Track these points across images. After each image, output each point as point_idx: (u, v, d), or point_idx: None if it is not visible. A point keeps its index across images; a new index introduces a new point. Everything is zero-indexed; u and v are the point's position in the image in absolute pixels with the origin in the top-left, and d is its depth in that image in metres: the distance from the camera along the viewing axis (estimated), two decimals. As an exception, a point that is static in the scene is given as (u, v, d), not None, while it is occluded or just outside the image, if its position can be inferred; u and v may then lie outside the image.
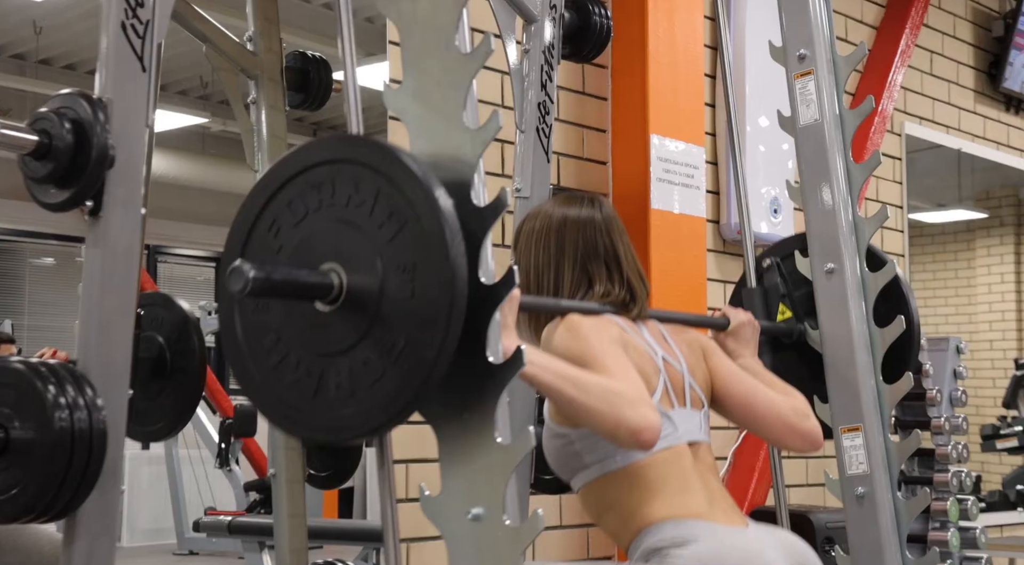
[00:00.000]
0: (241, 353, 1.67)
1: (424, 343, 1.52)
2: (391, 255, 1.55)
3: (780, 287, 2.65)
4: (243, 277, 1.50)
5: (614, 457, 2.07)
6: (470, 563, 1.62)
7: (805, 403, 2.27)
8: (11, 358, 2.34)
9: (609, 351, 2.01)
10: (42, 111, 2.02)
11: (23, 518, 1.99)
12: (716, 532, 2.01)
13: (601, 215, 2.23)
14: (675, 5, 3.75)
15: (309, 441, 1.65)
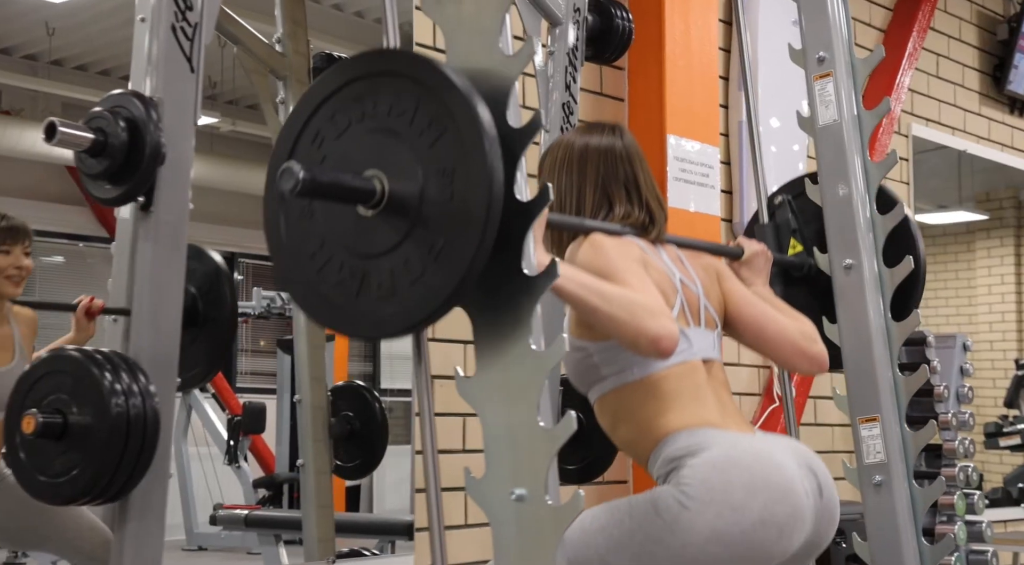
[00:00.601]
0: (286, 259, 1.74)
1: (463, 242, 1.59)
2: (431, 161, 1.63)
3: (791, 222, 2.73)
4: (293, 176, 1.58)
5: (631, 369, 2.15)
6: (514, 542, 1.69)
7: (813, 328, 2.36)
8: (67, 346, 2.43)
9: (631, 267, 2.10)
10: (97, 110, 2.10)
11: (80, 500, 2.08)
12: (728, 438, 2.09)
13: (622, 142, 2.31)
14: (691, 8, 3.83)
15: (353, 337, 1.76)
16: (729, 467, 2.03)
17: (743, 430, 2.17)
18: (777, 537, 2.03)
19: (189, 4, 2.14)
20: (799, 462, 2.13)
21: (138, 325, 2.15)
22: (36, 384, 2.04)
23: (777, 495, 2.03)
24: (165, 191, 2.13)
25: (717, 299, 2.33)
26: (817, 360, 2.34)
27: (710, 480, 2.02)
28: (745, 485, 2.02)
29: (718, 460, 2.04)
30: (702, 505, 2.00)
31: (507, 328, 1.67)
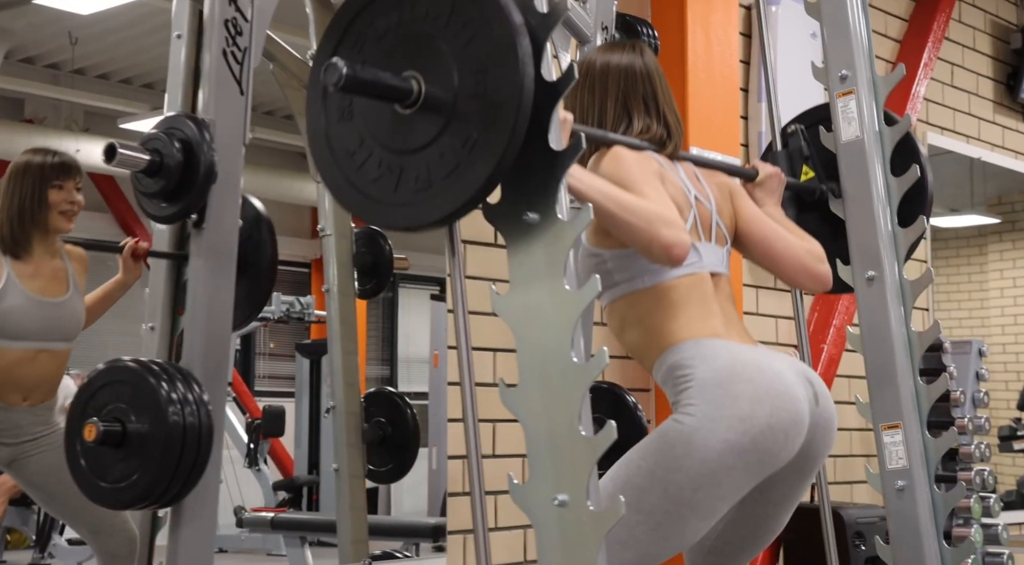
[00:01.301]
0: (330, 161, 1.87)
1: (496, 134, 1.71)
2: (465, 60, 1.74)
3: (804, 150, 2.82)
4: (337, 71, 1.69)
5: (642, 277, 2.27)
6: (557, 546, 1.78)
7: (820, 248, 2.48)
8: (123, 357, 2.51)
9: (649, 180, 2.22)
10: (153, 132, 2.19)
11: (138, 505, 2.17)
12: (731, 350, 2.22)
13: (642, 60, 2.41)
14: (712, 24, 3.92)
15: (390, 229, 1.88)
16: (733, 381, 2.16)
17: (745, 341, 2.30)
18: (784, 441, 2.17)
19: (239, 30, 2.23)
20: (797, 373, 2.26)
21: (191, 336, 2.24)
22: (96, 393, 2.13)
23: (779, 402, 2.16)
24: (216, 208, 2.22)
25: (728, 216, 2.45)
26: (821, 279, 2.46)
27: (715, 398, 2.14)
28: (749, 396, 2.14)
29: (721, 376, 2.17)
30: (711, 421, 2.13)
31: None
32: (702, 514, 2.17)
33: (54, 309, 3.25)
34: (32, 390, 3.24)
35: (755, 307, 4.41)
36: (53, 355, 3.27)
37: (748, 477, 2.17)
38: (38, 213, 3.22)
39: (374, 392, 3.41)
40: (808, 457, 2.29)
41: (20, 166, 3.26)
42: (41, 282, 3.25)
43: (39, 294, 3.23)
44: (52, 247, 3.29)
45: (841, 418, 4.64)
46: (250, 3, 2.25)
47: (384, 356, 10.95)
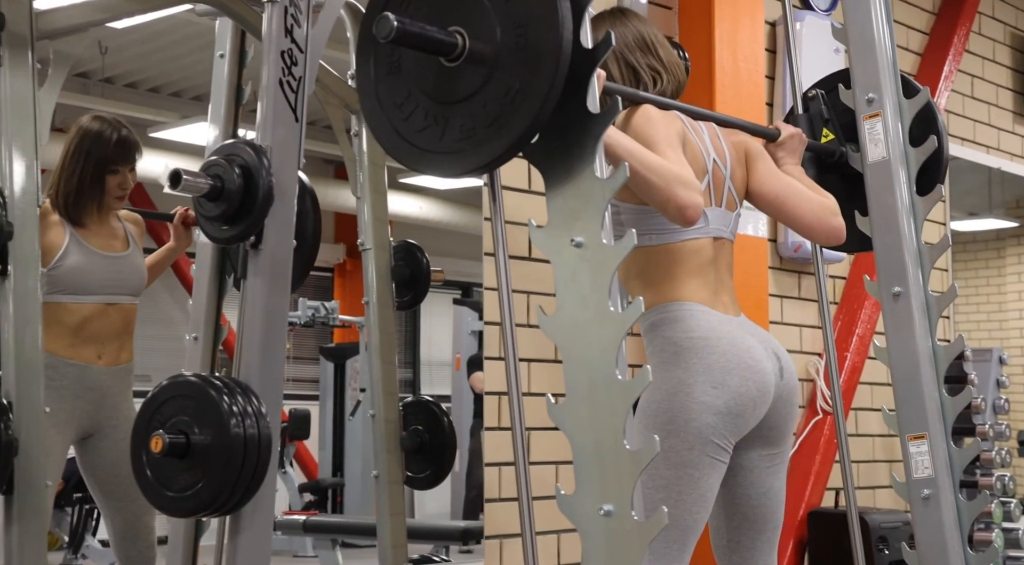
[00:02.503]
0: (378, 112, 2.00)
1: (536, 84, 1.83)
2: (507, 15, 1.87)
3: (824, 113, 2.96)
4: (388, 24, 1.82)
5: (650, 235, 2.48)
6: (602, 554, 1.87)
7: (835, 203, 2.64)
8: (185, 372, 2.62)
9: (672, 141, 2.39)
10: (213, 158, 2.29)
11: (200, 513, 2.27)
12: (710, 316, 2.46)
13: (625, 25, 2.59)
14: (739, 42, 4.02)
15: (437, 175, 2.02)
16: (708, 351, 2.41)
17: (728, 312, 2.52)
18: (752, 407, 2.44)
19: (294, 60, 2.33)
20: (765, 347, 2.50)
21: (248, 352, 2.33)
22: (161, 407, 2.23)
23: (748, 374, 2.42)
24: (273, 230, 2.31)
25: (741, 180, 2.62)
26: (834, 232, 2.63)
27: (691, 365, 2.41)
28: (722, 367, 2.41)
29: (698, 345, 2.42)
30: (686, 387, 2.40)
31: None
32: (705, 469, 2.40)
33: (117, 262, 3.41)
34: (104, 345, 3.37)
35: (780, 317, 4.51)
36: (121, 309, 3.41)
37: (728, 432, 2.42)
38: (94, 193, 3.38)
39: (412, 401, 3.50)
40: (773, 427, 2.54)
41: (85, 138, 3.41)
42: (102, 239, 3.41)
43: (101, 249, 3.38)
44: (107, 214, 3.46)
45: (864, 424, 4.75)
46: (305, 35, 2.35)
47: (407, 359, 11.07)
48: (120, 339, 3.43)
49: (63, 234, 3.34)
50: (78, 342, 3.31)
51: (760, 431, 2.52)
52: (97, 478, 3.46)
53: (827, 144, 2.94)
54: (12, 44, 2.74)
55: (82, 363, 3.32)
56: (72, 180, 3.36)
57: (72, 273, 3.29)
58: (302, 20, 2.36)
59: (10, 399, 2.61)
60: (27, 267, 2.68)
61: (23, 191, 2.70)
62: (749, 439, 2.52)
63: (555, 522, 1.92)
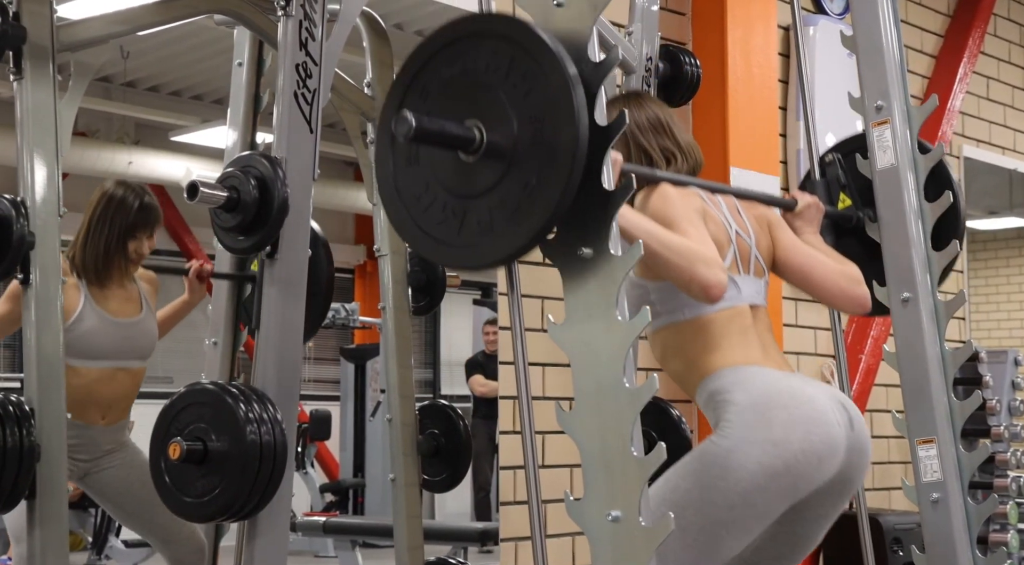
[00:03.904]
0: (397, 203, 2.01)
1: (554, 178, 1.84)
2: (524, 110, 1.87)
3: (841, 178, 2.94)
4: (407, 123, 1.84)
5: (683, 310, 2.41)
6: (609, 559, 1.90)
7: (858, 271, 2.61)
8: (203, 379, 2.67)
9: (692, 219, 2.36)
10: (230, 170, 2.33)
11: (218, 518, 2.32)
12: (767, 376, 2.36)
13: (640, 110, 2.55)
14: (752, 48, 4.04)
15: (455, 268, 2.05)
16: (768, 407, 2.29)
17: (782, 369, 2.43)
18: (817, 464, 2.29)
19: (309, 72, 2.37)
20: (831, 398, 2.39)
21: (264, 359, 2.37)
22: (179, 414, 2.27)
23: (812, 427, 2.29)
24: (288, 240, 2.35)
25: (767, 248, 2.58)
26: (860, 301, 2.60)
27: (750, 422, 2.27)
28: (783, 422, 2.27)
29: (757, 401, 2.30)
30: (747, 444, 2.26)
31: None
32: (736, 533, 2.30)
33: (129, 328, 3.43)
34: (110, 407, 3.41)
35: (794, 319, 4.53)
36: (129, 373, 3.44)
37: (781, 499, 2.30)
38: (117, 257, 3.42)
39: (428, 405, 3.55)
40: (844, 480, 2.40)
41: (109, 205, 3.44)
42: (116, 303, 3.43)
43: (114, 315, 3.41)
44: (126, 276, 3.49)
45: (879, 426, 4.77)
46: (319, 48, 2.39)
47: (427, 360, 11.10)
48: (126, 400, 3.48)
49: (78, 298, 3.37)
50: (84, 404, 3.33)
51: (832, 486, 2.38)
52: (109, 505, 3.51)
53: (845, 210, 2.92)
54: (34, 56, 2.78)
55: (84, 424, 3.35)
56: (99, 244, 3.40)
57: (84, 338, 3.32)
58: (316, 33, 2.40)
59: (32, 405, 2.65)
60: (49, 275, 2.72)
61: (44, 201, 2.74)
62: (818, 493, 2.37)
63: (570, 525, 1.96)
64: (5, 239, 2.66)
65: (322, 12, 2.40)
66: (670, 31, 3.99)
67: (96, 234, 3.40)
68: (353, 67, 3.48)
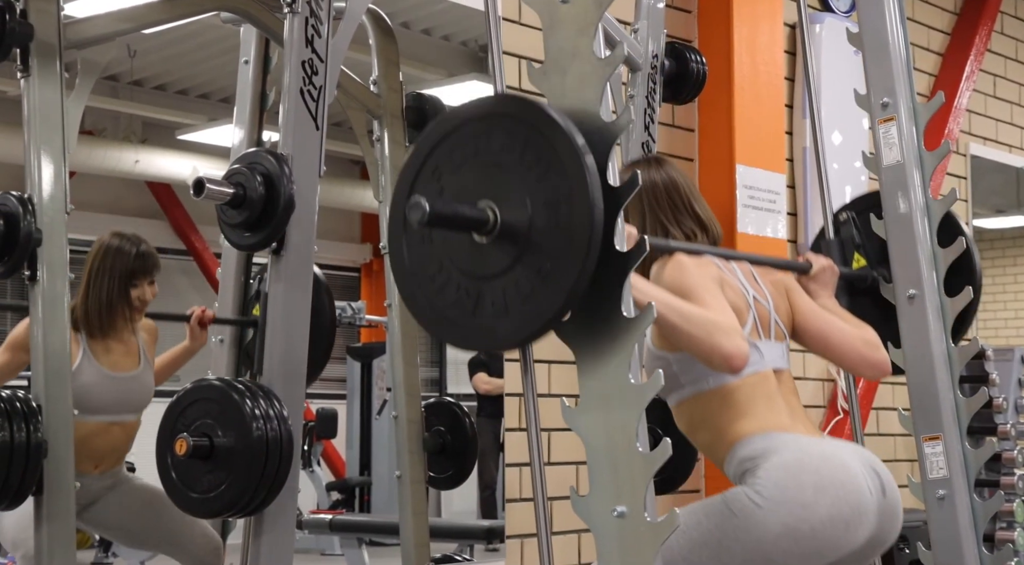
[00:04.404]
0: (410, 281, 1.98)
1: (569, 264, 1.82)
2: (539, 192, 1.85)
3: (855, 238, 2.93)
4: (421, 209, 1.82)
5: (707, 379, 2.37)
6: (616, 554, 1.90)
7: (875, 336, 2.58)
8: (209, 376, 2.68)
9: (710, 287, 2.33)
10: (236, 166, 2.34)
11: (224, 514, 2.33)
12: (798, 441, 2.32)
13: (663, 173, 2.54)
14: (758, 45, 4.04)
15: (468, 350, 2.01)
16: (799, 469, 2.25)
17: (811, 433, 2.39)
18: (844, 531, 2.25)
19: (315, 70, 2.38)
20: (863, 463, 2.34)
21: (270, 355, 2.38)
22: (186, 410, 2.28)
23: (843, 493, 2.24)
24: (294, 237, 2.36)
25: (786, 313, 2.54)
26: (879, 366, 2.57)
27: (782, 481, 2.24)
28: (814, 485, 2.23)
29: (789, 463, 2.26)
30: (775, 504, 2.22)
31: (607, 357, 1.87)
32: None
33: (126, 383, 3.41)
34: (103, 458, 3.38)
35: (801, 317, 4.52)
36: (123, 427, 3.42)
37: (803, 562, 2.26)
38: (119, 305, 3.39)
39: (434, 402, 3.55)
40: (874, 545, 2.36)
41: (107, 255, 3.41)
42: (114, 357, 3.41)
43: (112, 369, 3.38)
44: (126, 326, 3.46)
45: (885, 424, 4.77)
46: (325, 45, 2.39)
47: (433, 359, 11.09)
48: (120, 451, 3.45)
49: (77, 351, 3.34)
50: (77, 455, 3.25)
51: (862, 550, 2.33)
52: (114, 533, 3.51)
53: (859, 270, 2.91)
54: (41, 54, 2.79)
55: (78, 472, 3.32)
56: (102, 294, 3.37)
57: (81, 392, 3.23)
58: (322, 30, 2.41)
59: (39, 402, 2.66)
60: (56, 273, 2.73)
61: (51, 198, 2.75)
62: (846, 559, 2.32)
63: (575, 522, 1.96)
64: (12, 236, 2.67)
65: (328, 9, 2.41)
66: (676, 28, 3.99)
67: (97, 285, 3.37)
68: (360, 65, 3.48)
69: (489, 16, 2.22)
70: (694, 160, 4.22)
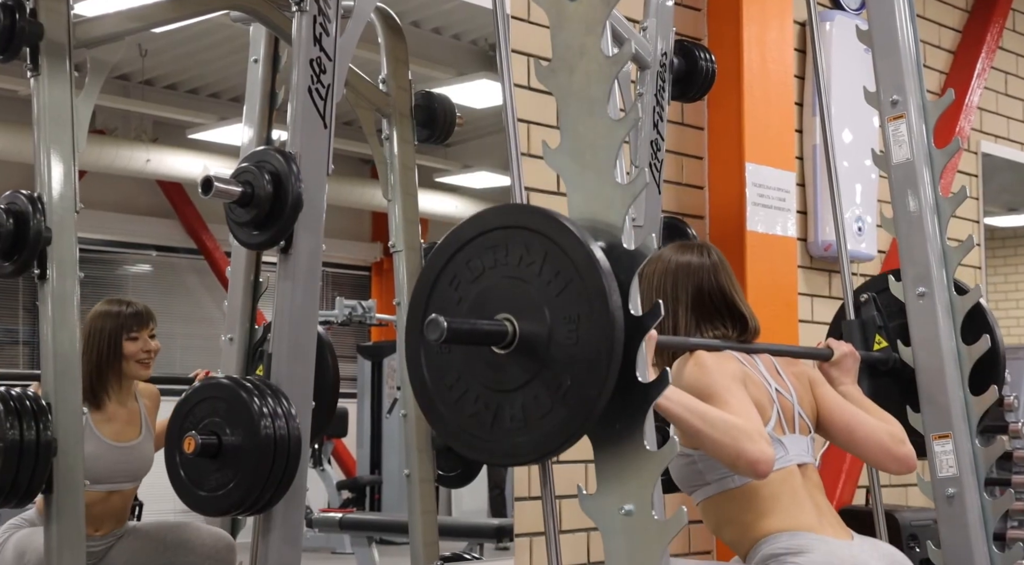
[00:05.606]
0: (427, 390, 1.98)
1: (588, 383, 1.81)
2: (558, 307, 1.84)
3: (876, 319, 2.91)
4: (439, 327, 1.81)
5: (732, 477, 2.35)
6: (623, 552, 1.91)
7: (901, 429, 2.54)
8: (217, 374, 2.68)
9: (731, 387, 2.30)
10: (244, 165, 2.34)
11: (232, 512, 2.33)
12: (827, 543, 2.29)
13: (710, 260, 2.51)
14: (767, 43, 4.04)
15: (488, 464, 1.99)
16: None
17: (839, 535, 2.36)
18: None
19: (323, 68, 2.38)
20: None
21: (278, 354, 2.37)
22: (194, 409, 2.28)
23: None
24: (302, 235, 2.35)
25: (810, 405, 2.51)
26: (905, 461, 2.53)
27: None
28: None
29: (818, 564, 2.23)
30: None
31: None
32: None
33: (126, 453, 3.41)
34: (102, 524, 3.39)
35: (810, 315, 4.52)
36: (122, 494, 3.43)
37: None
38: (114, 363, 3.37)
39: (443, 400, 3.55)
40: None
41: (96, 319, 3.40)
42: (116, 426, 3.41)
43: (113, 439, 3.38)
44: (127, 392, 3.45)
45: (896, 423, 4.72)
46: (333, 43, 2.39)
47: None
48: (119, 517, 3.45)
49: None
50: None
51: None
52: None
53: (880, 352, 2.89)
54: (50, 53, 2.79)
55: None
56: (92, 359, 3.35)
57: None
58: (331, 28, 2.40)
59: (49, 400, 2.66)
60: (65, 271, 2.73)
61: (61, 196, 2.75)
62: None
63: (584, 521, 1.96)
64: (22, 234, 2.67)
65: (336, 8, 2.41)
66: (685, 27, 3.98)
67: (88, 350, 3.32)
68: (369, 64, 3.48)
69: (497, 14, 2.22)
70: (703, 158, 4.21)
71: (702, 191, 4.21)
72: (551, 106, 2.03)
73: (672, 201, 4.09)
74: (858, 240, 4.64)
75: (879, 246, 4.78)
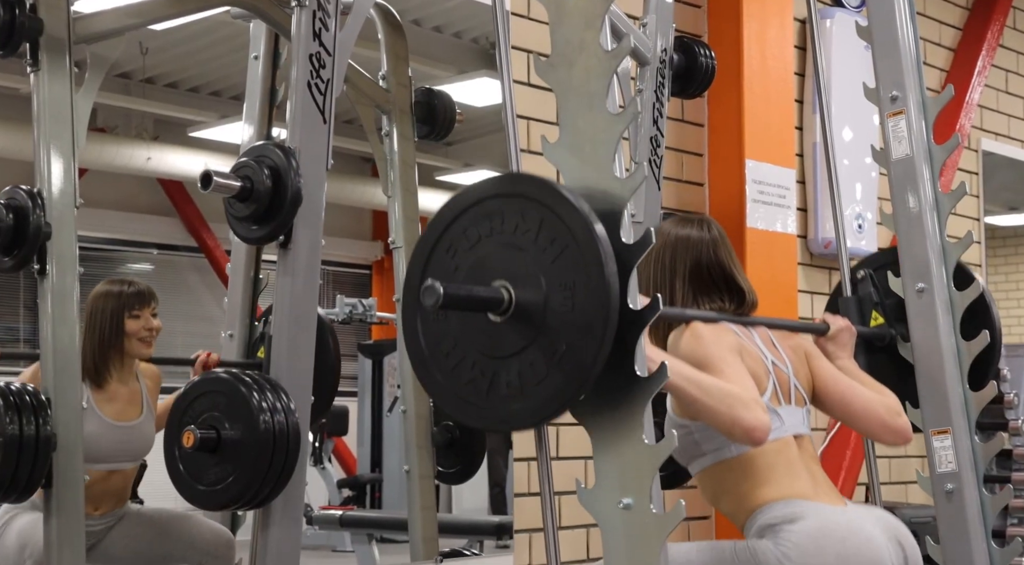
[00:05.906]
0: (424, 357, 1.98)
1: (583, 349, 1.82)
2: (553, 274, 1.85)
3: (873, 296, 2.91)
4: (436, 293, 1.81)
5: (728, 447, 2.36)
6: (621, 546, 1.91)
7: (897, 401, 2.55)
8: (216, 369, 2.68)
9: (727, 357, 2.31)
10: (243, 160, 2.34)
11: (231, 506, 2.33)
12: (821, 510, 2.30)
13: (709, 235, 2.51)
14: (768, 40, 4.04)
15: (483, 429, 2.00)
16: (823, 537, 2.24)
17: (834, 502, 2.37)
18: None
19: (322, 63, 2.38)
20: (888, 535, 2.33)
21: (278, 349, 2.38)
22: (193, 403, 2.28)
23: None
24: (302, 230, 2.36)
25: (805, 377, 2.52)
26: (901, 433, 2.54)
27: (806, 547, 2.23)
28: (837, 554, 2.22)
29: (813, 530, 2.25)
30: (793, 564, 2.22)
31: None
32: None
33: (127, 432, 3.40)
34: (102, 503, 3.38)
35: (810, 312, 4.52)
36: (123, 474, 3.42)
37: None
38: (116, 342, 3.37)
39: (443, 398, 3.55)
40: None
41: (99, 299, 3.40)
42: (117, 406, 3.40)
43: (114, 418, 3.37)
44: (129, 371, 3.45)
45: (895, 420, 4.72)
46: (332, 38, 2.39)
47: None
48: (119, 496, 3.45)
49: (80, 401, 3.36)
50: None
51: None
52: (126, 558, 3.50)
53: (877, 328, 2.89)
54: (50, 48, 2.80)
55: None
56: (94, 337, 3.35)
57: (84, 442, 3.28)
58: (330, 24, 2.41)
59: (48, 395, 2.67)
60: (65, 266, 2.74)
61: (61, 192, 2.76)
62: None
63: (583, 517, 1.97)
64: (22, 230, 2.68)
65: (335, 3, 2.41)
66: (685, 23, 3.98)
67: (90, 329, 3.33)
68: (369, 61, 3.49)
69: (497, 9, 2.22)
70: (703, 155, 4.21)
71: (702, 188, 4.21)
72: (551, 102, 2.03)
73: (672, 198, 4.09)
74: (858, 237, 4.64)
75: (879, 244, 4.78)
